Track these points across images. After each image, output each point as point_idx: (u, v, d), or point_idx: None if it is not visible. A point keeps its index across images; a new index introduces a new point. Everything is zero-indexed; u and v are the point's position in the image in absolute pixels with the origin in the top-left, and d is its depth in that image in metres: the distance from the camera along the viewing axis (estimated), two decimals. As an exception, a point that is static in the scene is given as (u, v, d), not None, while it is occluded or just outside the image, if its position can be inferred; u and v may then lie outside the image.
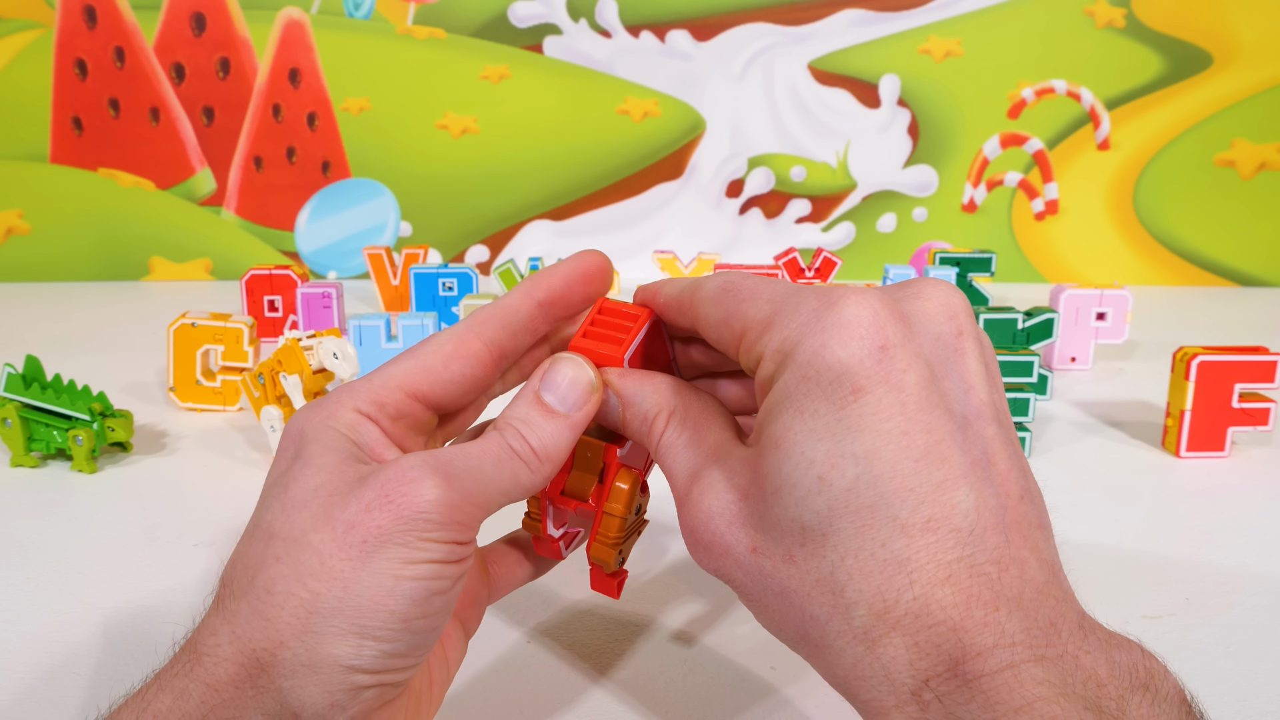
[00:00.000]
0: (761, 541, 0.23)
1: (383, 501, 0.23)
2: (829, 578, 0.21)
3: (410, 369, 0.27)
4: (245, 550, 0.24)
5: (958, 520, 0.21)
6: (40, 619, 0.38)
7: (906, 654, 0.20)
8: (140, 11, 1.16)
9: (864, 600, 0.21)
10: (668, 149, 1.21)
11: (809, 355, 0.22)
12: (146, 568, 0.43)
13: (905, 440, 0.21)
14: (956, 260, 0.93)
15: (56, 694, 0.33)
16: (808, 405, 0.22)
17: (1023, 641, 0.20)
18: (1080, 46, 1.16)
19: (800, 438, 0.22)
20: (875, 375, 0.21)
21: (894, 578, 0.21)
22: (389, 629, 0.23)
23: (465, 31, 1.18)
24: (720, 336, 0.26)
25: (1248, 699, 0.34)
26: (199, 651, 0.23)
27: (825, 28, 1.17)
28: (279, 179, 1.21)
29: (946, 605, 0.20)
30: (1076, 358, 0.78)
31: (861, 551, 0.21)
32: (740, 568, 0.23)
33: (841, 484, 0.21)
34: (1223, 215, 1.19)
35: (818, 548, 0.21)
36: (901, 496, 0.21)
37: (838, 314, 0.22)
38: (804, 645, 0.23)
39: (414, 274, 0.87)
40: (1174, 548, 0.45)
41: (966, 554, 0.21)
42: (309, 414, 0.26)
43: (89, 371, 0.67)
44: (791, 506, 0.22)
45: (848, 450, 0.21)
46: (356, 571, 0.23)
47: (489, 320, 0.29)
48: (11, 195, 1.20)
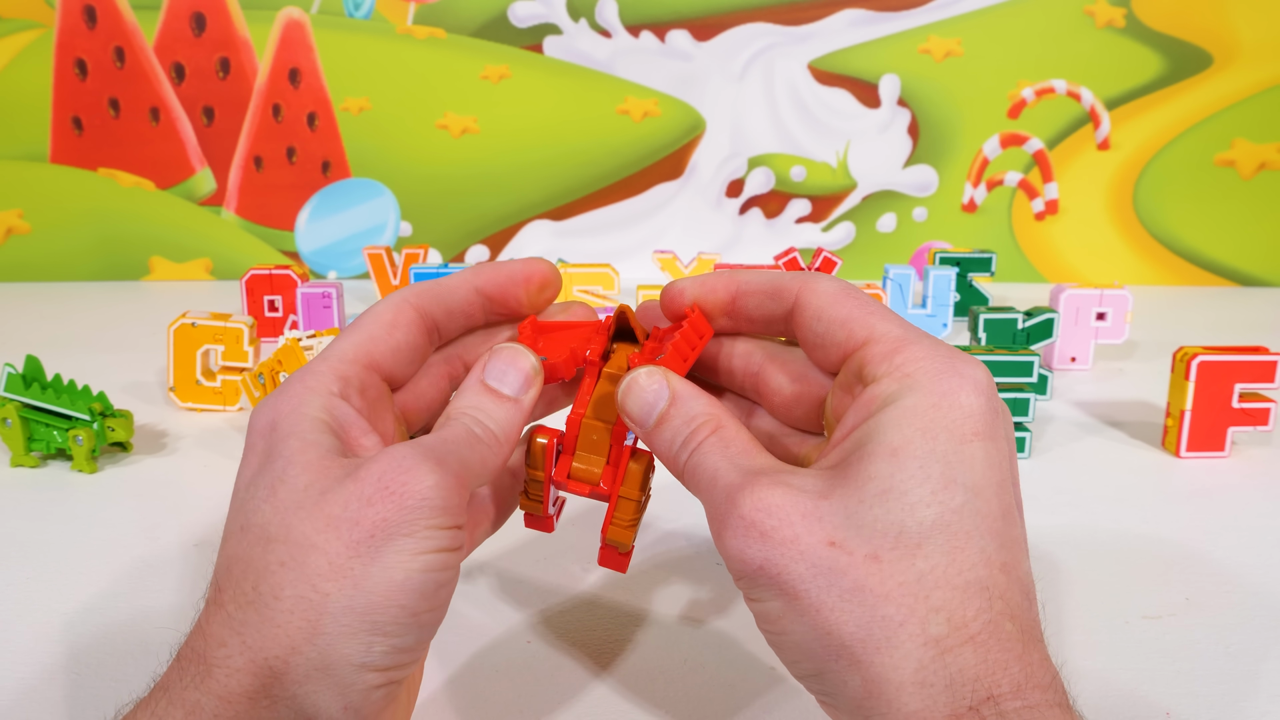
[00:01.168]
0: (844, 536, 0.23)
1: (383, 493, 0.23)
2: (916, 582, 0.22)
3: (359, 341, 0.28)
4: (238, 554, 0.24)
5: (1021, 575, 0.23)
6: (40, 619, 0.38)
7: (976, 667, 0.22)
8: (140, 11, 1.16)
9: (946, 610, 0.22)
10: (668, 149, 1.21)
11: (946, 390, 0.24)
12: (146, 568, 0.43)
13: (999, 493, 0.23)
14: (956, 260, 0.93)
15: (56, 694, 0.33)
16: (931, 429, 0.23)
17: (1062, 693, 0.22)
18: (1080, 46, 1.15)
19: (920, 452, 0.23)
20: (987, 430, 0.24)
21: (975, 598, 0.22)
22: (399, 623, 0.23)
23: (465, 31, 1.18)
24: (829, 333, 0.27)
25: (1248, 699, 0.34)
26: (209, 663, 0.23)
27: (825, 28, 1.17)
28: (279, 179, 1.21)
29: (1014, 638, 0.22)
30: (1076, 358, 0.78)
31: (951, 567, 0.22)
32: (805, 559, 0.23)
33: (952, 504, 0.23)
34: (1223, 215, 1.19)
35: (909, 552, 0.22)
36: (990, 537, 0.23)
37: (971, 369, 0.25)
38: (860, 647, 0.22)
39: (414, 274, 0.87)
40: (1174, 548, 0.45)
41: (1025, 605, 0.23)
42: (276, 404, 0.26)
43: (89, 371, 0.67)
44: (896, 510, 0.23)
45: (961, 479, 0.23)
46: (367, 568, 0.23)
47: (424, 292, 0.29)
48: (11, 195, 1.20)
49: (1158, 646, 0.37)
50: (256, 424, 0.26)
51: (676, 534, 0.46)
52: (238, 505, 0.25)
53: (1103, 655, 0.36)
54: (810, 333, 0.27)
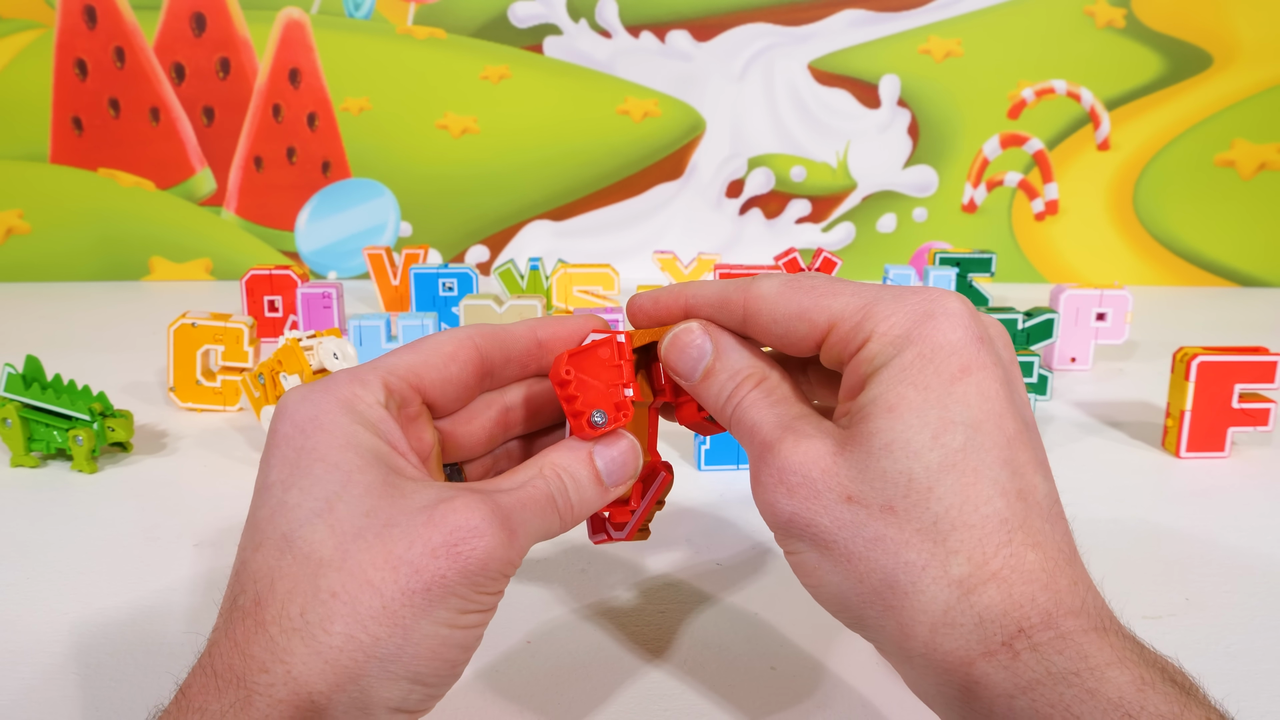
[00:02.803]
0: (859, 490, 0.24)
1: (449, 551, 0.23)
2: (932, 526, 0.23)
3: (414, 362, 0.27)
4: (283, 569, 0.23)
5: (1039, 498, 0.23)
6: (40, 619, 0.38)
7: (1002, 603, 0.22)
8: (140, 11, 1.16)
9: (965, 549, 0.22)
10: (668, 149, 1.21)
11: (924, 336, 0.24)
12: (146, 568, 0.43)
13: (1000, 421, 0.23)
14: (956, 260, 0.93)
15: (56, 694, 0.33)
16: (920, 379, 0.24)
17: (1102, 614, 0.22)
18: (1080, 46, 1.16)
19: (915, 403, 0.23)
20: (977, 360, 0.24)
21: (994, 533, 0.22)
22: (438, 675, 0.24)
23: (465, 31, 1.18)
24: (790, 330, 0.26)
25: (1248, 699, 0.34)
26: (249, 689, 0.22)
27: (825, 28, 1.17)
28: (279, 179, 1.21)
29: (1037, 567, 0.22)
30: (1076, 358, 0.78)
31: (966, 505, 0.22)
32: (828, 513, 0.24)
33: (953, 445, 0.23)
34: (1223, 215, 1.19)
35: (921, 499, 0.23)
36: (1001, 465, 0.23)
37: (944, 304, 0.24)
38: (888, 593, 0.23)
39: (414, 274, 0.87)
40: (1174, 548, 0.45)
41: (1047, 529, 0.23)
42: (319, 403, 0.25)
43: (89, 371, 0.67)
44: (902, 460, 0.23)
45: (958, 418, 0.23)
46: (417, 619, 0.23)
47: (490, 335, 0.29)
48: (11, 195, 1.20)
49: (1158, 646, 0.37)
50: (297, 419, 0.25)
51: (677, 536, 0.46)
52: (275, 508, 0.24)
53: (1103, 655, 0.36)
54: (772, 336, 0.27)
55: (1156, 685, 0.20)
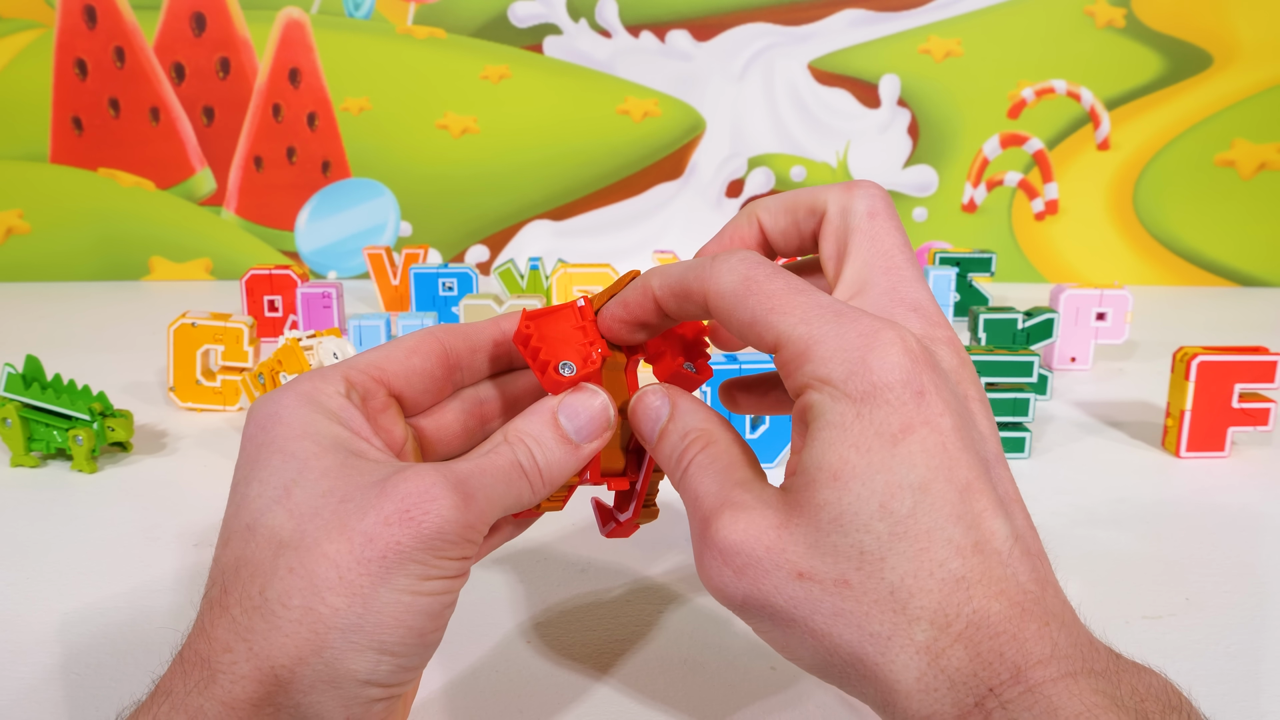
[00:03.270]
0: (810, 566, 0.23)
1: (402, 518, 0.23)
2: (889, 596, 0.22)
3: (375, 358, 0.28)
4: (245, 555, 0.23)
5: (998, 544, 0.22)
6: (40, 619, 0.38)
7: (970, 664, 0.21)
8: (140, 11, 1.16)
9: (926, 615, 0.22)
10: (668, 149, 1.21)
11: (859, 393, 0.23)
12: (146, 568, 0.43)
13: (950, 474, 0.23)
14: (956, 260, 0.93)
15: (56, 694, 0.33)
16: (861, 440, 0.23)
17: (1073, 655, 0.22)
18: (1080, 46, 1.16)
19: (859, 470, 0.22)
20: (919, 415, 0.23)
21: (953, 594, 0.22)
22: (405, 644, 0.23)
23: (465, 31, 1.18)
24: (747, 338, 0.26)
25: (1248, 699, 0.34)
26: (213, 668, 0.22)
27: (825, 28, 1.17)
28: (279, 179, 1.21)
29: (1003, 618, 0.22)
30: (1076, 358, 0.78)
31: (920, 571, 0.22)
32: (781, 593, 0.23)
33: (901, 511, 0.22)
34: (1223, 215, 1.19)
35: (875, 570, 0.22)
36: (954, 521, 0.22)
37: (883, 342, 0.23)
38: (860, 665, 0.23)
39: (414, 274, 0.87)
40: (1174, 548, 0.45)
41: (1010, 574, 0.22)
42: (280, 399, 0.26)
43: (89, 371, 0.67)
44: (853, 533, 0.22)
45: (905, 481, 0.22)
46: (375, 588, 0.23)
47: (452, 330, 0.30)
48: (11, 195, 1.20)
49: (1158, 646, 0.37)
50: (257, 417, 0.26)
51: (677, 537, 0.46)
52: (239, 502, 0.25)
53: (1103, 655, 0.36)
54: (734, 332, 0.26)
55: None
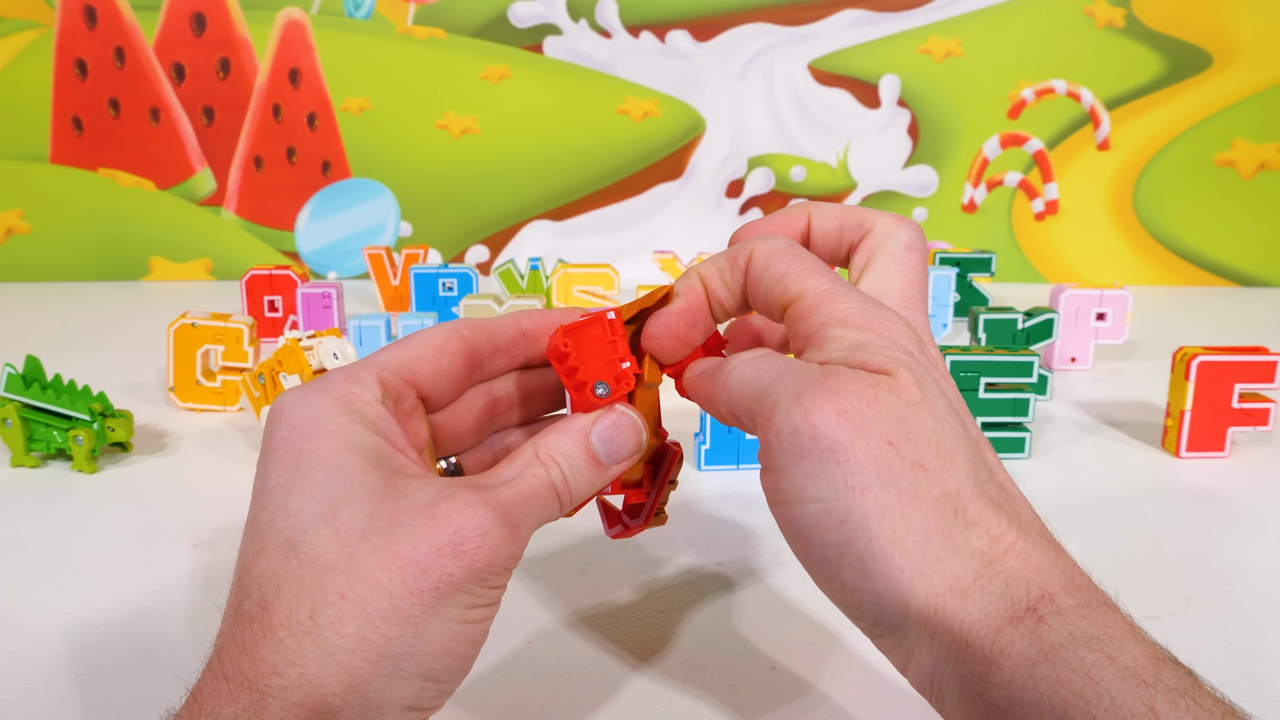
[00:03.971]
0: (898, 438, 0.24)
1: (456, 550, 0.23)
2: (955, 494, 0.23)
3: (405, 357, 0.27)
4: (289, 574, 0.23)
5: (1024, 506, 0.25)
6: (40, 619, 0.38)
7: (1025, 570, 0.22)
8: (140, 11, 1.16)
9: (982, 523, 0.23)
10: (668, 149, 1.21)
11: (876, 328, 0.26)
12: (146, 568, 0.43)
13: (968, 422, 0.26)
14: (956, 260, 0.93)
15: (56, 694, 0.33)
16: (895, 358, 0.25)
17: (1104, 594, 0.23)
18: (1080, 46, 1.16)
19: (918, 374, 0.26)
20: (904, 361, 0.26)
21: (1000, 516, 0.23)
22: (451, 670, 0.24)
23: (465, 31, 1.18)
24: (773, 290, 0.28)
25: (1248, 699, 0.33)
26: (263, 693, 0.22)
27: (825, 28, 1.17)
28: (279, 179, 1.21)
29: (1046, 543, 0.24)
30: (1076, 358, 0.78)
31: (975, 482, 0.24)
32: (870, 452, 0.23)
33: (965, 417, 0.26)
34: (1223, 215, 1.19)
35: (947, 464, 0.24)
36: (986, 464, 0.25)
37: (890, 322, 0.26)
38: (917, 555, 0.23)
39: (414, 274, 0.87)
40: (1174, 548, 0.45)
41: (1039, 524, 0.24)
42: (315, 404, 0.25)
43: (89, 371, 0.67)
44: (930, 420, 0.24)
45: (952, 395, 0.26)
46: (427, 618, 0.23)
47: (476, 327, 0.29)
48: (11, 195, 1.20)
49: (1158, 646, 0.37)
50: (291, 418, 0.25)
51: (677, 538, 0.46)
52: (276, 512, 0.24)
53: (1103, 655, 0.36)
54: (757, 294, 0.28)
55: (1168, 661, 0.21)
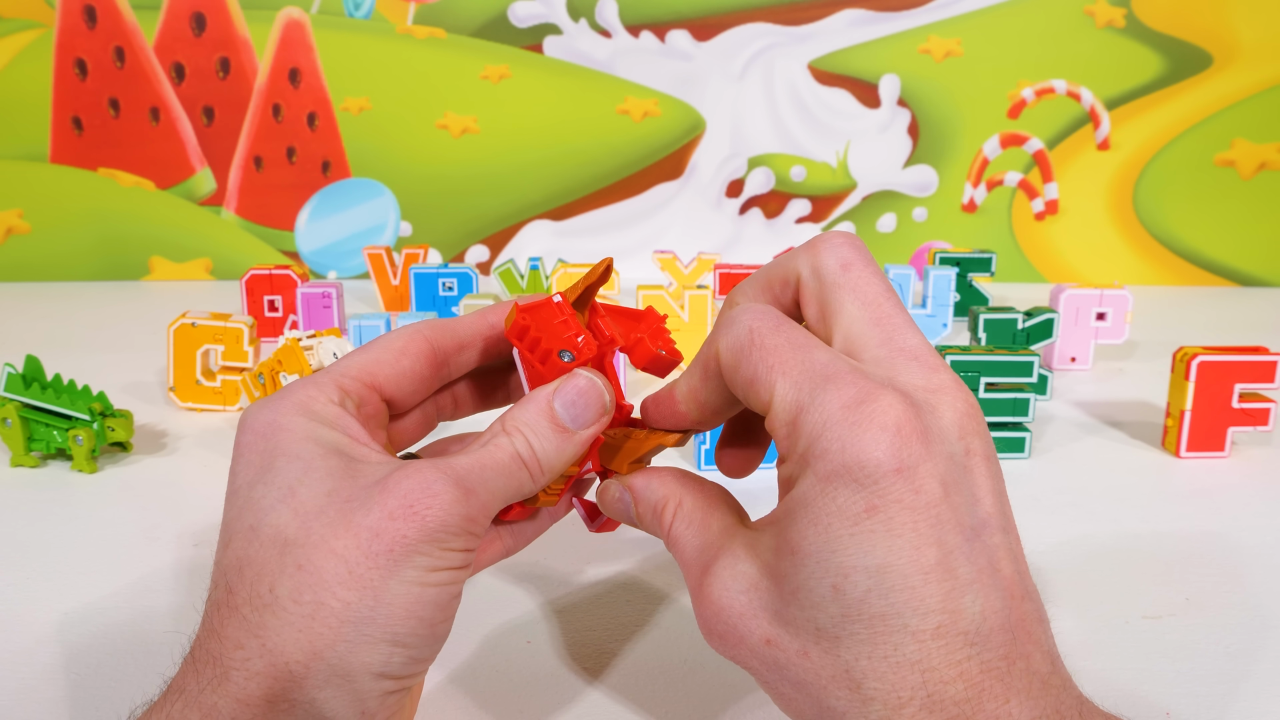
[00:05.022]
0: (776, 635, 0.24)
1: (406, 512, 0.23)
2: (845, 674, 0.22)
3: (366, 361, 0.28)
4: (251, 556, 0.24)
5: (964, 624, 0.22)
6: (40, 619, 0.38)
7: None
8: (140, 11, 1.16)
9: (880, 696, 0.22)
10: (668, 149, 1.21)
11: (829, 471, 0.22)
12: (146, 567, 0.43)
13: (916, 554, 0.22)
14: (956, 260, 0.93)
15: (56, 694, 0.33)
16: (822, 518, 0.22)
17: None
18: (1080, 46, 1.15)
19: (816, 548, 0.22)
20: (891, 494, 0.22)
21: (908, 677, 0.22)
22: (417, 635, 0.24)
23: (465, 31, 1.18)
24: (748, 398, 0.25)
25: (1248, 699, 0.34)
26: (225, 666, 0.23)
27: (825, 28, 1.17)
28: (279, 179, 1.21)
29: (959, 700, 0.22)
30: (1076, 358, 0.78)
31: (875, 654, 0.22)
32: (755, 657, 0.24)
33: (854, 594, 0.22)
34: (1223, 215, 1.19)
35: (832, 647, 0.22)
36: (912, 606, 0.22)
37: (862, 431, 0.22)
38: None
39: (414, 274, 0.87)
40: (1174, 548, 0.45)
41: (975, 653, 0.22)
42: (277, 405, 0.26)
43: (89, 371, 0.67)
44: (808, 609, 0.23)
45: (860, 564, 0.22)
46: (385, 580, 0.23)
47: (438, 325, 0.30)
48: (11, 195, 1.20)
49: (1158, 646, 0.37)
50: (254, 424, 0.26)
51: (676, 534, 0.46)
52: (242, 505, 0.25)
53: (1103, 655, 0.36)
54: (738, 395, 0.26)
55: None
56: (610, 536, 0.44)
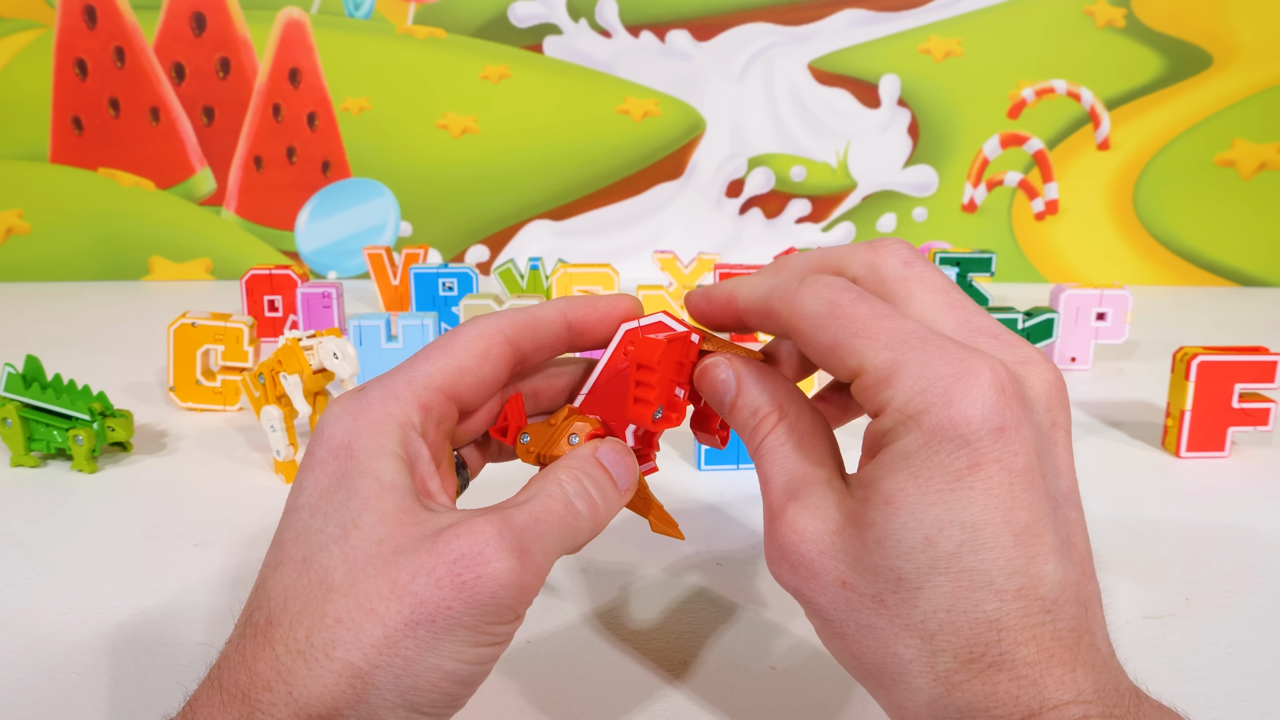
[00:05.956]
0: (853, 578, 0.24)
1: (453, 581, 0.23)
2: (920, 624, 0.22)
3: (447, 368, 0.27)
4: (297, 590, 0.23)
5: (1044, 590, 0.22)
6: (40, 619, 0.38)
7: (984, 701, 0.22)
8: (140, 11, 1.16)
9: (952, 649, 0.22)
10: (668, 149, 1.21)
11: (933, 426, 0.22)
12: (146, 568, 0.43)
13: (1009, 516, 0.22)
14: (956, 260, 0.93)
15: (56, 694, 0.33)
16: (923, 470, 0.23)
17: (1094, 700, 0.22)
18: (1080, 46, 1.16)
19: (913, 500, 0.23)
20: (991, 454, 0.22)
21: (984, 633, 0.22)
22: (438, 707, 0.23)
23: (465, 31, 1.18)
24: (827, 362, 0.25)
25: (1248, 699, 0.34)
26: (253, 705, 0.22)
27: (825, 28, 1.17)
28: (279, 179, 1.21)
29: (1029, 662, 0.22)
30: (1076, 358, 0.78)
31: (955, 608, 0.22)
32: (825, 595, 0.24)
33: (947, 547, 0.22)
34: (1223, 215, 1.19)
35: (911, 596, 0.23)
36: (1000, 565, 0.22)
37: (974, 373, 0.23)
38: (879, 676, 0.24)
39: (414, 274, 0.87)
40: (1174, 548, 0.45)
41: (1049, 620, 0.22)
42: (355, 423, 0.25)
43: (89, 371, 0.67)
44: (893, 558, 0.23)
45: (957, 519, 0.22)
46: (421, 653, 0.23)
47: (521, 325, 0.28)
48: (11, 195, 1.20)
49: (1158, 646, 0.37)
50: (331, 438, 0.25)
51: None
52: (301, 530, 0.24)
53: (1103, 655, 0.36)
54: (813, 357, 0.26)
55: None
56: (611, 538, 0.44)
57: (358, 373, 0.55)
